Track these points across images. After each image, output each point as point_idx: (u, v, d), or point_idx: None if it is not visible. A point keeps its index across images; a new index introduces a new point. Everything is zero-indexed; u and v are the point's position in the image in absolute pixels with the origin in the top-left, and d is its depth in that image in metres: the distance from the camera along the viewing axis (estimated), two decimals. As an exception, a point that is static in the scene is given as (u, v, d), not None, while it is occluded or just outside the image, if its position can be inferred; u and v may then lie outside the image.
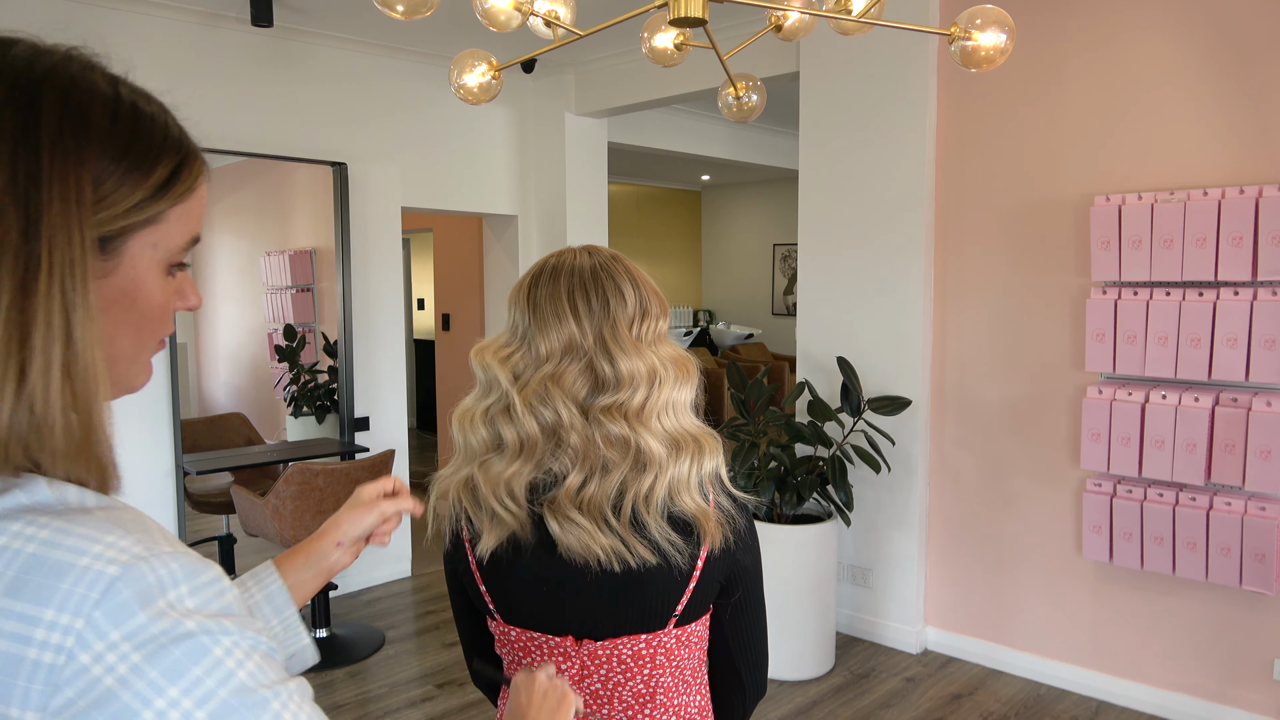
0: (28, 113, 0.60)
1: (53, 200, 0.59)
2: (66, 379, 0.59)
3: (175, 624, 0.56)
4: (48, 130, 0.60)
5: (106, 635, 0.54)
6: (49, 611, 0.54)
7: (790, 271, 9.87)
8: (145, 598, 0.56)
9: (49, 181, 0.59)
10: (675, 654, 1.14)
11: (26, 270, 0.58)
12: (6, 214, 0.58)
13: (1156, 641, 3.26)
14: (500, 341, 1.14)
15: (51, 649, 0.54)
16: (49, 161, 0.59)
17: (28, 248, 0.58)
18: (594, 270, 1.12)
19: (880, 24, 1.86)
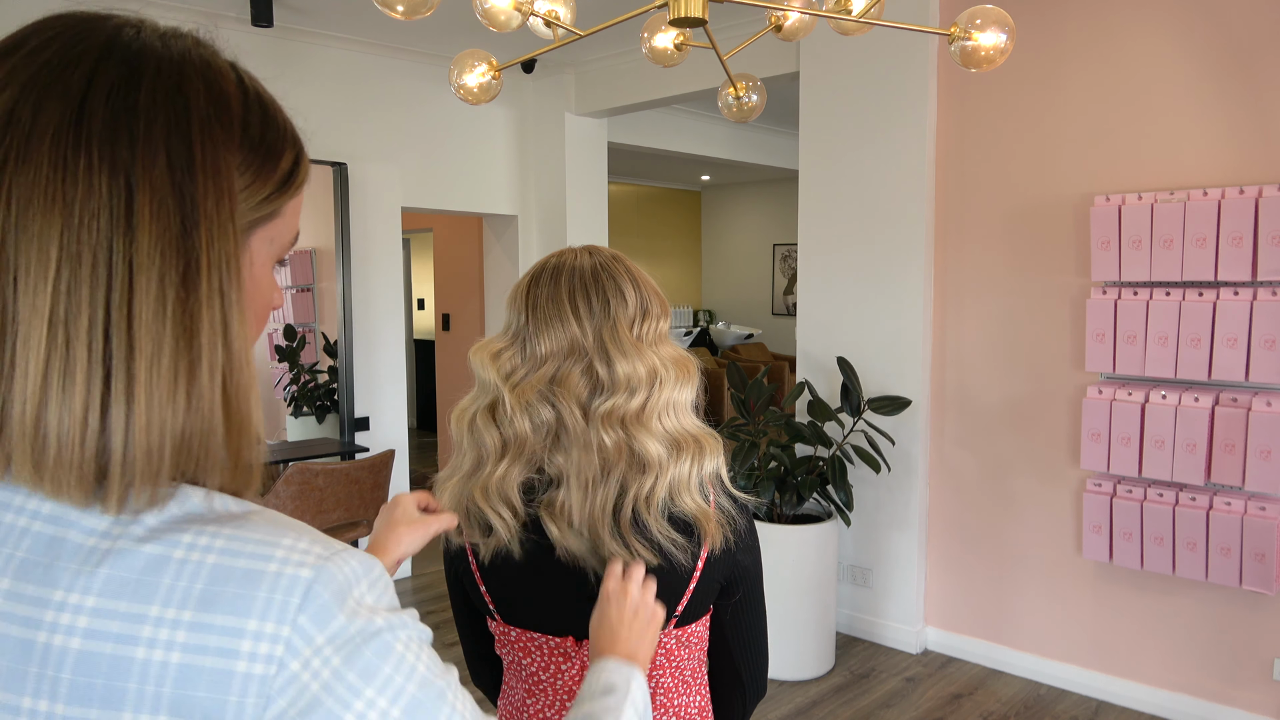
0: (176, 98, 0.55)
1: (207, 192, 0.55)
2: (228, 382, 0.56)
3: (368, 623, 0.56)
4: (196, 116, 0.56)
5: (313, 640, 0.53)
6: (252, 622, 0.52)
7: (790, 271, 9.87)
8: (340, 598, 0.55)
9: (202, 171, 0.55)
10: (675, 654, 1.13)
11: (188, 266, 0.54)
12: (165, 205, 0.53)
13: (1156, 641, 3.26)
14: (495, 343, 1.14)
15: (262, 660, 0.52)
16: (200, 150, 0.55)
17: (187, 242, 0.54)
18: (594, 270, 1.12)
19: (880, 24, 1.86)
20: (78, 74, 0.53)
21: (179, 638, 0.51)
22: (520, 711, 1.15)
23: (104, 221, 0.52)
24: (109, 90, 0.53)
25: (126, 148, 0.53)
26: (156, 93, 0.55)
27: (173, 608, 0.52)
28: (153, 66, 0.56)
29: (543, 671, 1.13)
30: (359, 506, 3.83)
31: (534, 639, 1.13)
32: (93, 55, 0.54)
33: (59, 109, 0.52)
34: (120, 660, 0.51)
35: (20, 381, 0.51)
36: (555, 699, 1.12)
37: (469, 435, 1.12)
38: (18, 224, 0.51)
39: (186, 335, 0.54)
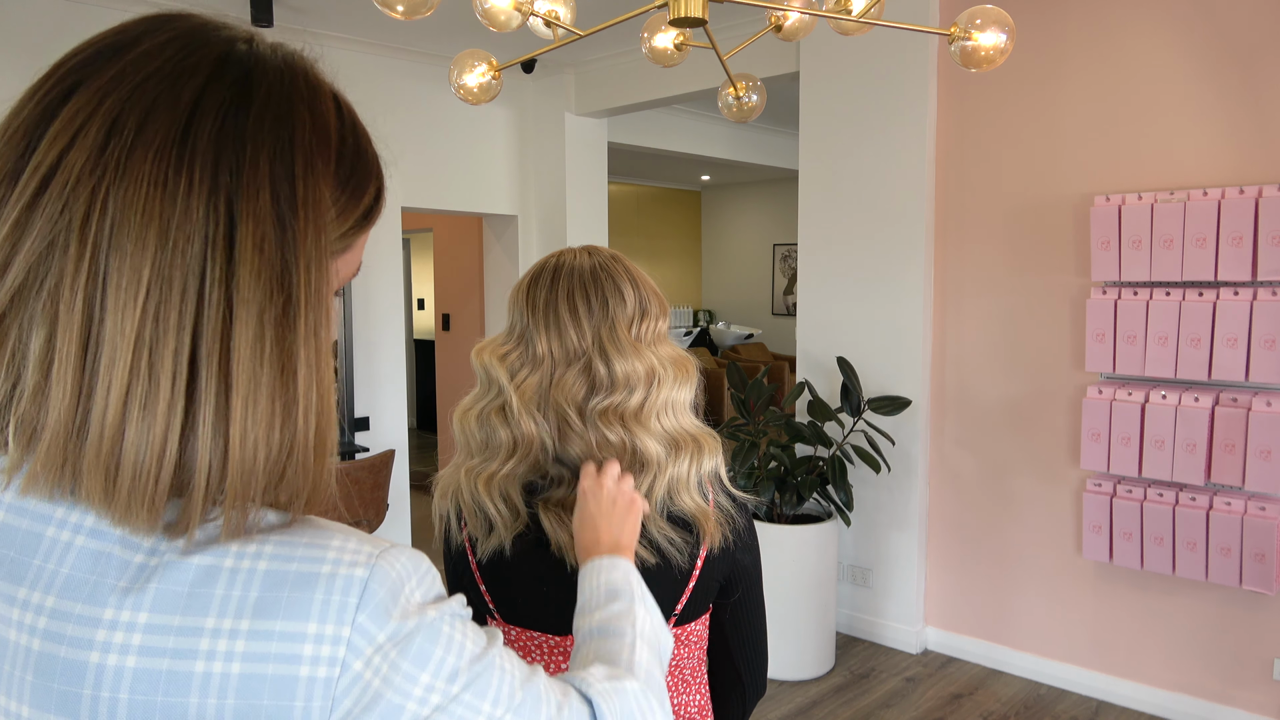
0: (283, 127, 0.54)
1: (307, 226, 0.54)
2: (320, 418, 0.55)
3: (421, 616, 0.56)
4: (301, 147, 0.54)
5: (374, 638, 0.53)
6: (311, 625, 0.51)
7: (790, 271, 9.87)
8: (394, 595, 0.54)
9: (303, 205, 0.54)
10: (675, 654, 1.14)
11: (287, 302, 0.52)
12: (268, 237, 0.52)
13: (1156, 641, 3.26)
14: (498, 341, 1.14)
15: (325, 662, 0.51)
16: (302, 184, 0.54)
17: (286, 277, 0.52)
18: (594, 270, 1.12)
19: (880, 24, 1.86)
20: (188, 89, 0.52)
21: (238, 647, 0.50)
22: None
23: (198, 247, 0.50)
24: (219, 110, 0.52)
25: (229, 173, 0.51)
26: (265, 119, 0.53)
27: (229, 618, 0.50)
28: (263, 90, 0.54)
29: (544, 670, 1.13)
30: (359, 506, 3.83)
31: (534, 638, 1.13)
32: (205, 70, 0.53)
33: (165, 124, 0.51)
34: (178, 676, 0.50)
35: (100, 402, 0.49)
36: None
37: (478, 431, 1.12)
38: (112, 239, 0.49)
39: (284, 374, 0.53)
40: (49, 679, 0.51)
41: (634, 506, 1.02)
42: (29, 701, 0.51)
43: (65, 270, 0.49)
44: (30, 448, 0.50)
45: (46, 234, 0.50)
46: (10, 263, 0.50)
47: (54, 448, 0.50)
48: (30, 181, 0.50)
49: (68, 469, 0.50)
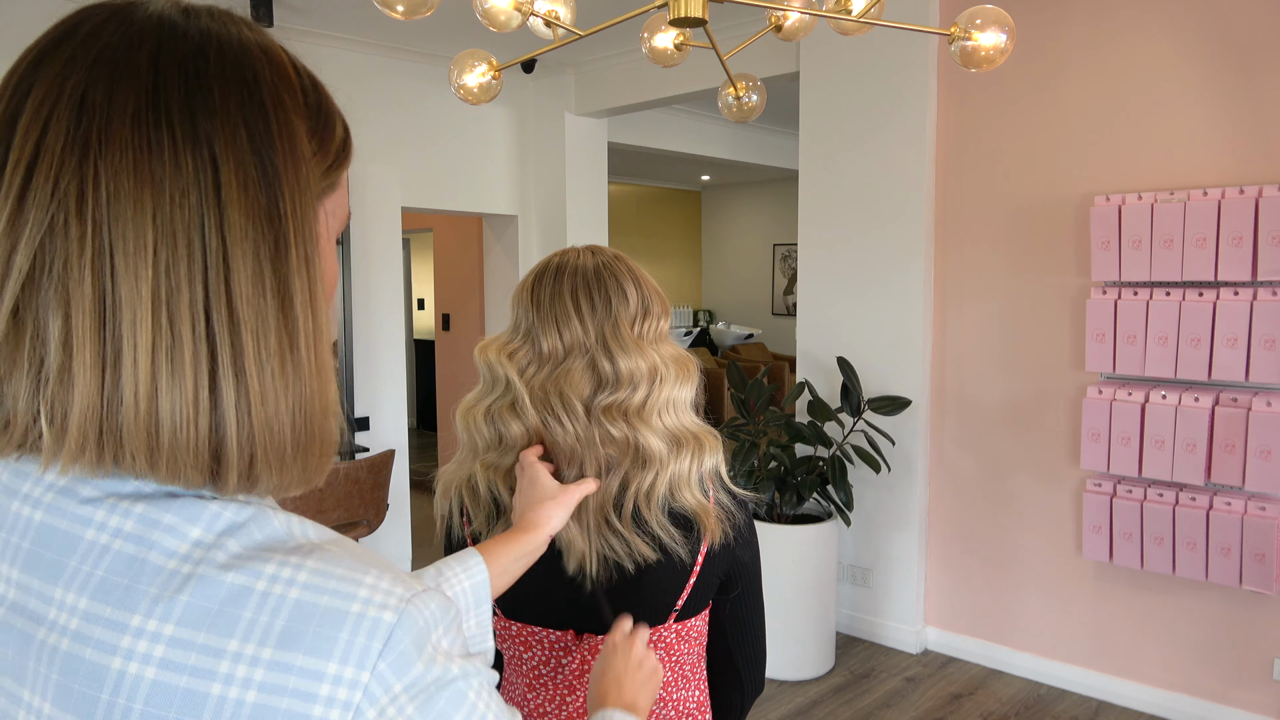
0: (244, 68, 0.54)
1: (286, 160, 0.54)
2: (318, 354, 0.56)
3: (445, 670, 0.55)
4: (266, 84, 0.55)
5: (391, 688, 0.52)
6: (332, 665, 0.51)
7: (790, 271, 9.87)
8: (419, 644, 0.54)
9: (279, 139, 0.54)
10: (675, 649, 1.14)
11: (278, 236, 0.53)
12: (250, 175, 0.52)
13: (1156, 641, 3.26)
14: (503, 339, 1.16)
15: (339, 705, 0.51)
16: (274, 118, 0.54)
17: (273, 211, 0.53)
18: (597, 270, 1.14)
19: (880, 24, 1.86)
20: (143, 53, 0.52)
21: (257, 675, 0.50)
22: (521, 705, 1.16)
23: (194, 198, 0.51)
24: (179, 65, 0.52)
25: (205, 120, 0.52)
26: (224, 64, 0.54)
27: (252, 644, 0.50)
28: (214, 41, 0.55)
29: (543, 665, 1.14)
30: (359, 506, 3.83)
31: (535, 633, 1.14)
32: (153, 34, 0.53)
33: (133, 88, 0.51)
34: (194, 695, 0.50)
35: (129, 369, 0.50)
36: (555, 693, 1.13)
37: (486, 428, 1.13)
38: (110, 209, 0.50)
39: (284, 306, 0.53)
40: (72, 679, 0.51)
41: (656, 675, 1.02)
42: (51, 699, 0.51)
43: (70, 250, 0.50)
44: (64, 428, 0.51)
45: (43, 220, 0.50)
46: (13, 255, 0.50)
47: (89, 422, 0.50)
48: (14, 176, 0.51)
49: (107, 441, 0.51)
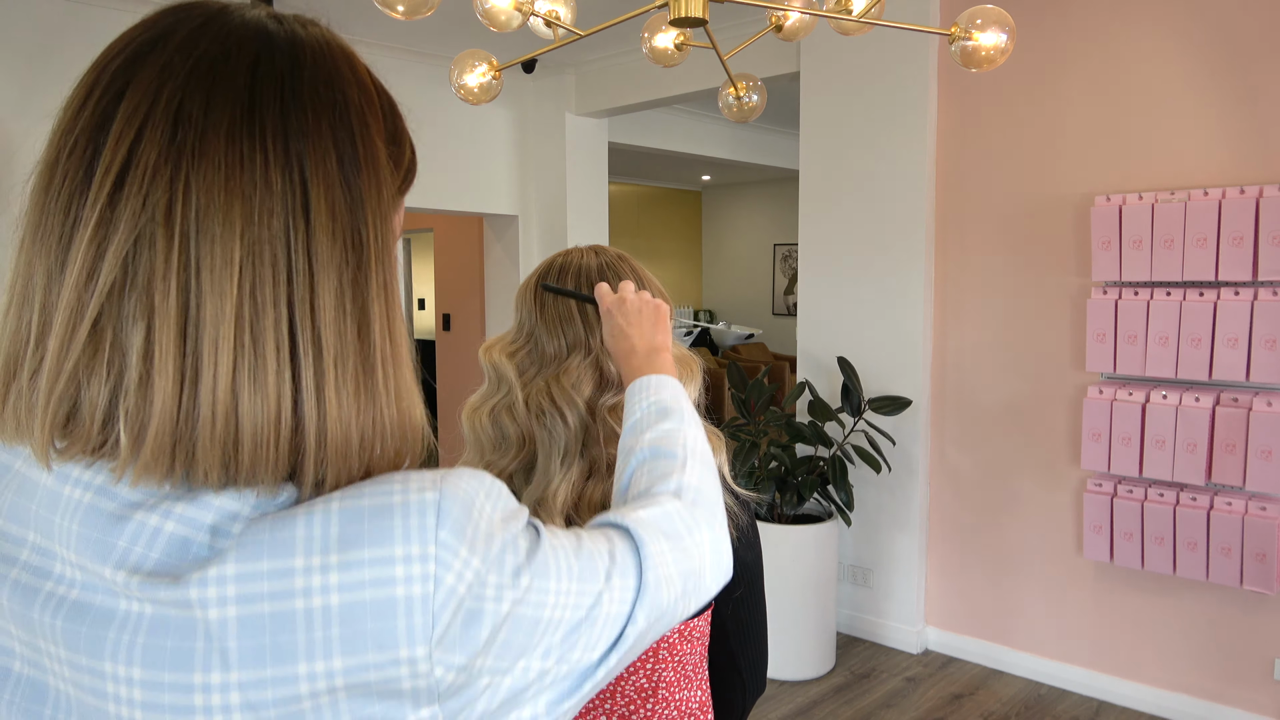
0: (335, 88, 0.55)
1: (369, 183, 0.55)
2: (399, 376, 0.57)
3: (505, 532, 0.58)
4: (354, 107, 0.55)
5: (458, 552, 0.54)
6: (398, 548, 0.52)
7: (790, 271, 9.87)
8: (468, 510, 0.55)
9: (364, 162, 0.55)
10: (678, 649, 1.14)
11: (360, 260, 0.54)
12: (338, 199, 0.53)
13: (1156, 641, 3.26)
14: (507, 339, 1.16)
15: (419, 580, 0.52)
16: (360, 141, 0.55)
17: (357, 236, 0.54)
18: (600, 270, 1.14)
19: (880, 24, 1.86)
20: (241, 66, 0.52)
21: (333, 580, 0.51)
22: None
23: (281, 218, 0.51)
24: (276, 82, 0.53)
25: (298, 140, 0.52)
26: (318, 84, 0.54)
27: (317, 555, 0.51)
28: (309, 57, 0.55)
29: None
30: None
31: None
32: (251, 46, 0.53)
33: (230, 103, 0.51)
34: (282, 616, 0.50)
35: (208, 385, 0.50)
36: None
37: (490, 429, 1.13)
38: (199, 224, 0.50)
39: (361, 331, 0.54)
40: (164, 639, 0.51)
41: (660, 310, 1.03)
42: (140, 664, 0.52)
43: (155, 263, 0.50)
44: (140, 438, 0.51)
45: (132, 229, 0.50)
46: (98, 264, 0.51)
47: (163, 434, 0.51)
48: (104, 183, 0.50)
49: (180, 453, 0.51)
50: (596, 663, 0.63)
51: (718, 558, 0.76)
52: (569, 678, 0.61)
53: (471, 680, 0.55)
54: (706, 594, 0.75)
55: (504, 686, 0.57)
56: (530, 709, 0.59)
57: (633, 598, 0.65)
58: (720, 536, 0.77)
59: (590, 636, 0.62)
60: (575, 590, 0.61)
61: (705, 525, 0.76)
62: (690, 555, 0.72)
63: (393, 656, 0.52)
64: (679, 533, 0.72)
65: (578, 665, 0.61)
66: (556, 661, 0.59)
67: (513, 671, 0.57)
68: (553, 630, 0.59)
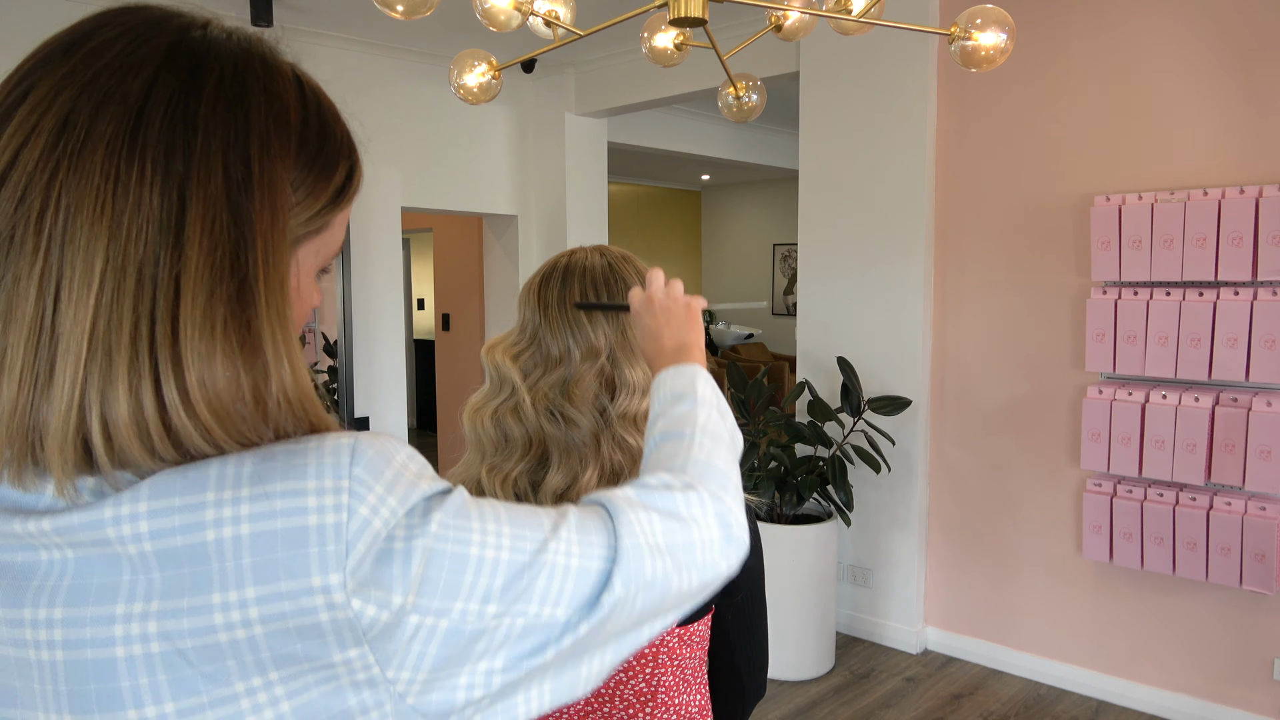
0: (238, 111, 0.54)
1: (263, 208, 0.55)
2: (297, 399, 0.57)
3: (428, 485, 0.57)
4: (256, 132, 0.55)
5: (373, 488, 0.54)
6: (310, 482, 0.52)
7: (790, 271, 9.87)
8: (386, 457, 0.56)
9: (259, 188, 0.54)
10: (677, 653, 1.14)
11: (242, 284, 0.53)
12: (220, 221, 0.53)
13: (1156, 641, 3.26)
14: (510, 340, 1.15)
15: (331, 510, 0.52)
16: (258, 166, 0.55)
17: (239, 260, 0.53)
18: (605, 271, 1.13)
19: (880, 24, 1.86)
20: (139, 80, 0.52)
21: (244, 511, 0.51)
22: None
23: (152, 235, 0.51)
24: (169, 99, 0.53)
25: (182, 161, 0.52)
26: (217, 104, 0.54)
27: (228, 489, 0.52)
28: (215, 75, 0.55)
29: None
30: (359, 506, 3.82)
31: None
32: (155, 61, 0.53)
33: (116, 116, 0.52)
34: (194, 548, 0.51)
35: (58, 392, 0.51)
36: None
37: (493, 430, 1.12)
38: (65, 234, 0.50)
39: (245, 351, 0.54)
40: (89, 578, 0.52)
41: (691, 307, 0.99)
42: (62, 603, 0.53)
43: (21, 266, 0.51)
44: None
45: (5, 230, 0.51)
46: None
47: (11, 434, 0.52)
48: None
49: (29, 454, 0.53)
50: (565, 623, 0.60)
51: (727, 530, 0.72)
52: (531, 633, 0.59)
53: (399, 620, 0.53)
54: (716, 569, 0.71)
55: (441, 630, 0.55)
56: (487, 663, 0.57)
57: (602, 556, 0.62)
58: (729, 509, 0.73)
59: (545, 587, 0.59)
60: (510, 534, 0.59)
61: (710, 498, 0.72)
62: (688, 527, 0.69)
63: (305, 585, 0.51)
64: (672, 507, 0.69)
65: (537, 620, 0.59)
66: (504, 609, 0.57)
67: (449, 614, 0.55)
68: (487, 571, 0.56)
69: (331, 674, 0.53)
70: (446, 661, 0.56)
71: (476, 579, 0.56)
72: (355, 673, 0.53)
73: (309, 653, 0.52)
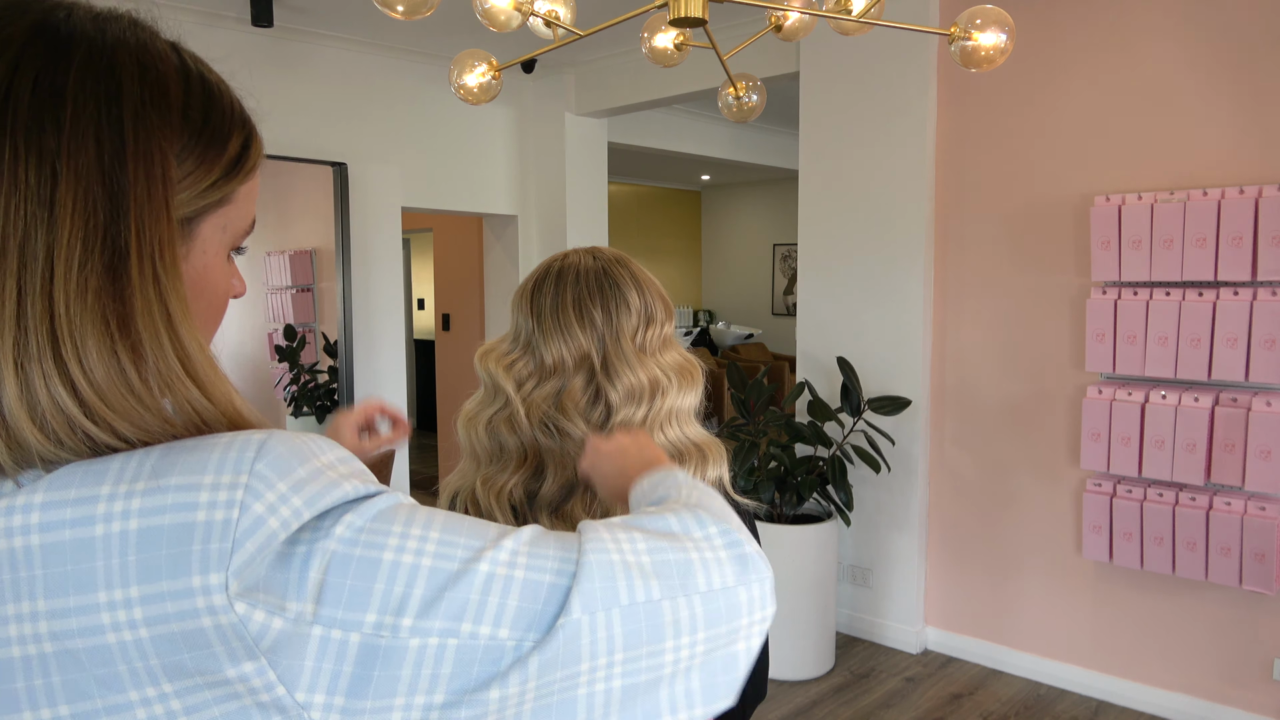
0: (108, 82, 0.54)
1: (138, 179, 0.54)
2: (188, 371, 0.55)
3: (332, 479, 0.54)
4: (129, 102, 0.54)
5: (274, 485, 0.51)
6: (208, 476, 0.50)
7: (790, 271, 9.87)
8: (298, 454, 0.53)
9: (134, 158, 0.54)
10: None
11: (114, 255, 0.52)
12: (91, 193, 0.52)
13: (1156, 641, 3.26)
14: (503, 348, 1.12)
15: (222, 506, 0.50)
16: (132, 137, 0.54)
17: (113, 229, 0.52)
18: (598, 275, 1.10)
19: (880, 24, 1.86)
20: (3, 61, 0.52)
21: (135, 505, 0.49)
22: None
23: (28, 212, 0.51)
24: (35, 76, 0.52)
25: (53, 136, 0.51)
26: (86, 78, 0.53)
27: (125, 483, 0.50)
28: (83, 50, 0.54)
29: None
30: (359, 506, 3.82)
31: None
32: (19, 40, 0.53)
33: None
34: (81, 543, 0.49)
35: None
36: None
37: (487, 440, 1.10)
38: None
39: (121, 323, 0.52)
40: None
41: (640, 435, 0.95)
42: None
43: None
44: None
45: None
46: None
47: None
48: None
49: None
50: (513, 649, 0.53)
51: (737, 549, 0.63)
52: (469, 660, 0.52)
53: (300, 631, 0.50)
54: (733, 598, 0.61)
55: (352, 645, 0.50)
56: (425, 697, 0.51)
57: (556, 570, 0.55)
58: (735, 530, 0.64)
59: (480, 601, 0.53)
60: (438, 539, 0.54)
61: (710, 518, 0.64)
62: (682, 545, 0.61)
63: (186, 585, 0.48)
64: (663, 524, 0.62)
65: (473, 642, 0.52)
66: (425, 625, 0.52)
67: (359, 627, 0.50)
68: (403, 579, 0.52)
69: (231, 692, 0.49)
70: (366, 686, 0.50)
71: (390, 587, 0.51)
72: (258, 693, 0.49)
73: (199, 664, 0.49)
